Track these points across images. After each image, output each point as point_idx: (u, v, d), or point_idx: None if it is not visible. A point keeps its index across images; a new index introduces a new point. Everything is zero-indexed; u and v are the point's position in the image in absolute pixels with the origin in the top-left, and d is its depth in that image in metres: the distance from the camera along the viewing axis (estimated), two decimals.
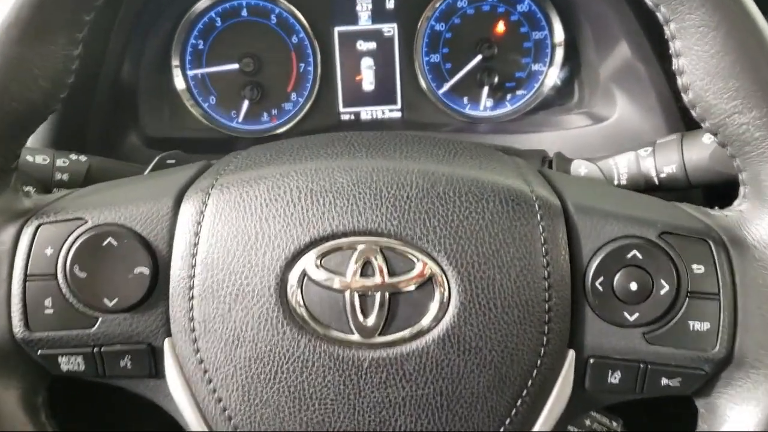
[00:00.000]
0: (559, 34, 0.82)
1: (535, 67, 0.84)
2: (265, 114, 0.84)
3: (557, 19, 0.81)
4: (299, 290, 0.39)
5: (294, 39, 0.83)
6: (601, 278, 0.41)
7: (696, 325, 0.42)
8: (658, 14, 0.40)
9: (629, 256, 0.41)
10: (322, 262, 0.39)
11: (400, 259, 0.40)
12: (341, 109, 0.85)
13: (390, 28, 0.84)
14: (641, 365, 0.42)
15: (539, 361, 0.41)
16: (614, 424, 0.52)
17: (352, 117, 0.86)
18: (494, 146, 0.80)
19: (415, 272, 0.39)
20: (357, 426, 0.40)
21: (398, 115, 0.86)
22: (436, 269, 0.40)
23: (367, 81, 0.85)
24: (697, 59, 0.40)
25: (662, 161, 0.56)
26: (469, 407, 0.40)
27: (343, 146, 0.45)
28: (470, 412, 0.40)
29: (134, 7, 0.71)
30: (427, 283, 0.40)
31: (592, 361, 0.42)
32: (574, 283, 0.42)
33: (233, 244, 0.40)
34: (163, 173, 0.48)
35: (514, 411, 0.41)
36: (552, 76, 0.83)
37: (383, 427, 0.40)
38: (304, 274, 0.39)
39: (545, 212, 0.41)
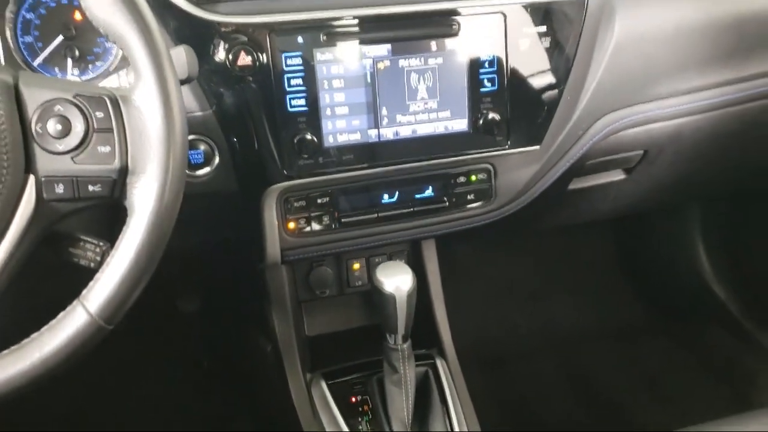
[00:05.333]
0: None
1: (108, 45, 1.12)
2: None
3: None
4: None
5: None
6: (40, 125, 0.70)
7: (102, 149, 0.72)
8: None
9: (55, 109, 0.70)
10: None
11: None
12: None
13: None
14: (74, 178, 0.71)
15: (2, 182, 0.68)
16: (101, 243, 0.80)
17: None
18: None
19: None
20: None
21: None
22: None
23: None
24: None
25: None
26: None
27: None
28: None
29: None
30: None
31: (44, 179, 0.71)
32: (25, 131, 0.70)
33: None
34: None
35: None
36: None
37: None
38: None
39: (2, 92, 0.69)
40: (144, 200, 0.72)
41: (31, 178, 0.71)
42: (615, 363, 1.89)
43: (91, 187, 0.72)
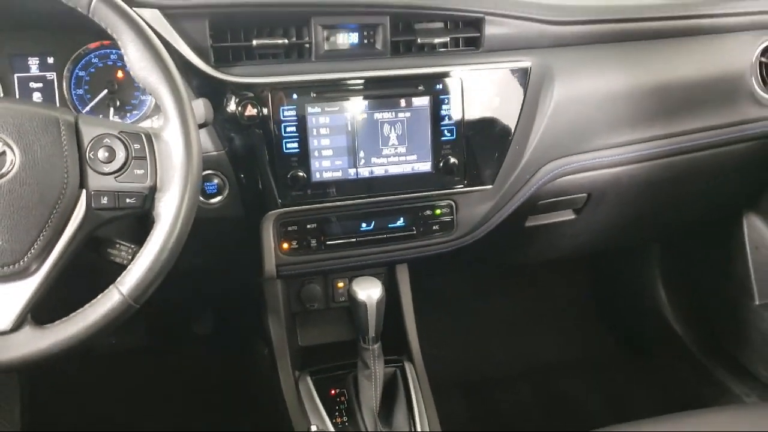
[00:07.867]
0: None
1: (143, 97, 1.39)
2: None
3: None
4: None
5: None
6: (92, 153, 0.95)
7: (138, 171, 0.96)
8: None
9: (104, 141, 0.96)
10: None
11: None
12: None
13: (52, 75, 1.36)
14: (116, 193, 0.96)
15: (63, 193, 0.93)
16: (133, 246, 1.04)
17: None
18: None
19: None
20: None
21: None
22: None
23: None
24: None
25: None
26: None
27: None
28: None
29: None
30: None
31: (93, 193, 0.96)
32: (81, 157, 0.95)
33: None
34: None
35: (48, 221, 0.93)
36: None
37: None
38: None
39: (66, 127, 0.95)
40: (168, 210, 0.96)
41: (84, 192, 0.95)
42: (587, 389, 2.07)
43: (128, 200, 0.97)
